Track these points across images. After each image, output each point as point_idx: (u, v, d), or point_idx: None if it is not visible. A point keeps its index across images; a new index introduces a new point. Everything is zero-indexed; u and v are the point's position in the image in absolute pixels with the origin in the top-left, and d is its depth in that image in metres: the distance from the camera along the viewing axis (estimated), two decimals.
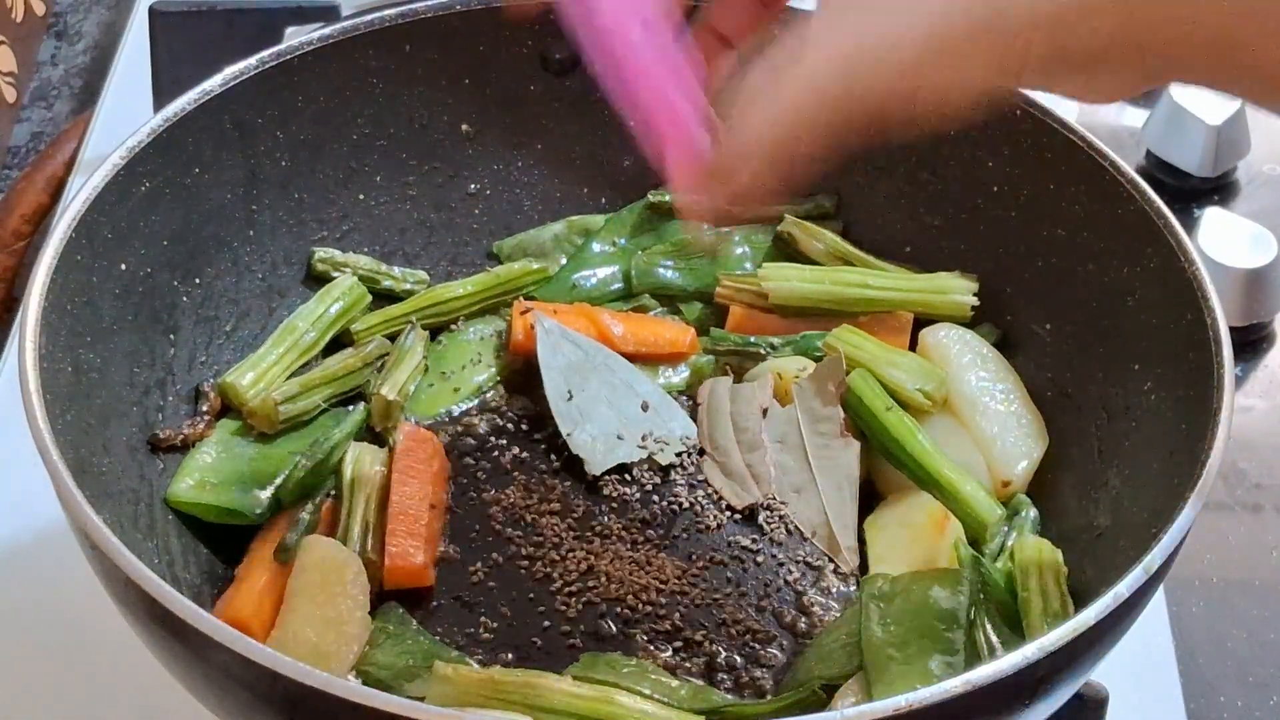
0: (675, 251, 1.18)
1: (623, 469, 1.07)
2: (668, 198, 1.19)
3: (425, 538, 1.02)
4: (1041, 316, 1.11)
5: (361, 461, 1.04)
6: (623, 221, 1.20)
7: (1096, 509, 1.02)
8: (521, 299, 1.15)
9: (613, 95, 0.88)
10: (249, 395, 1.06)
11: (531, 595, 1.01)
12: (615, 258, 1.19)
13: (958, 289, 1.12)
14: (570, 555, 1.02)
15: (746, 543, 1.04)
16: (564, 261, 1.19)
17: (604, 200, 1.20)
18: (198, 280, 1.08)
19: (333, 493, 1.04)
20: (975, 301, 1.12)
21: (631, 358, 1.12)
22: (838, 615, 1.01)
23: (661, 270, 1.18)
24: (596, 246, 1.19)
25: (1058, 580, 0.98)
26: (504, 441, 1.09)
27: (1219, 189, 1.39)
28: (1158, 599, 1.08)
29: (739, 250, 1.18)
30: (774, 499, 1.06)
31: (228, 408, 1.07)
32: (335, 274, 1.13)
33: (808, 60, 0.79)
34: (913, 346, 1.12)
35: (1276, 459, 1.22)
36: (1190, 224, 1.30)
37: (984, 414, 1.07)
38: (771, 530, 1.05)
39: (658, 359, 1.13)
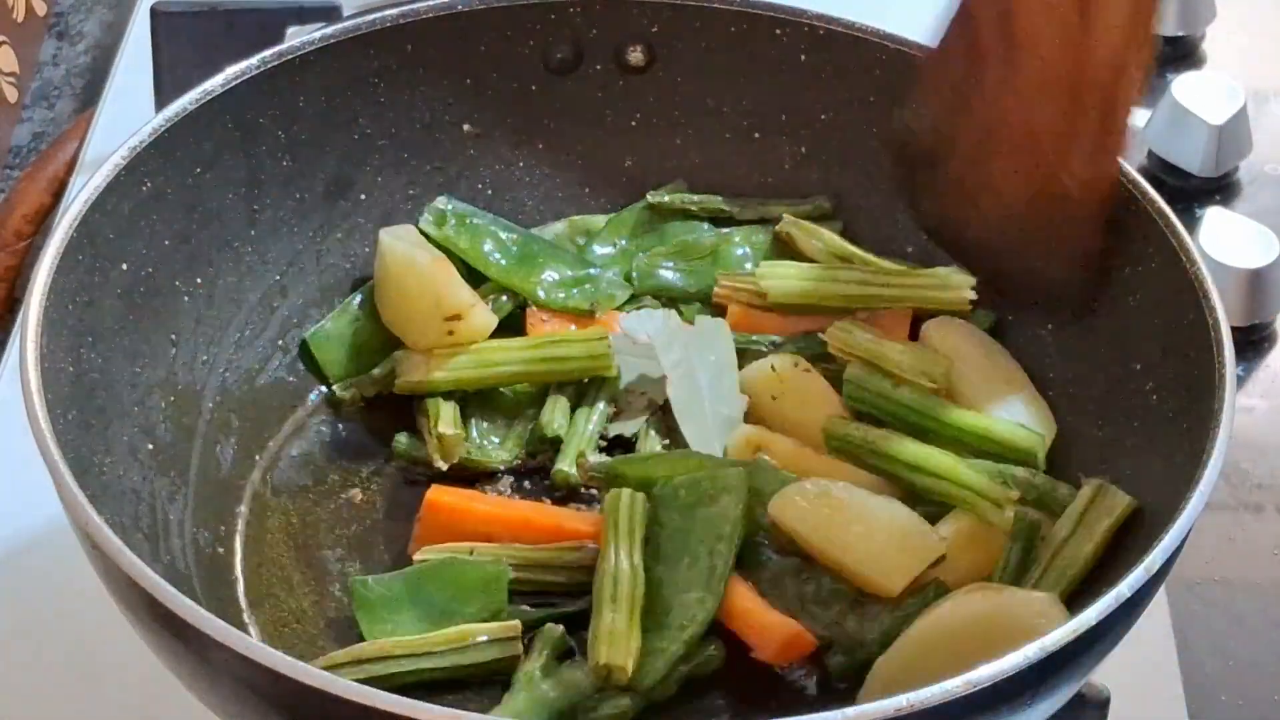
0: (676, 253, 1.18)
1: None
2: (667, 198, 1.19)
3: None
4: (1042, 316, 1.11)
5: None
6: (623, 222, 1.19)
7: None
8: (536, 310, 1.15)
9: None
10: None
11: None
12: (617, 259, 1.19)
13: (956, 283, 1.12)
14: None
15: None
16: None
17: (605, 200, 1.20)
18: (199, 280, 1.08)
19: None
20: (974, 295, 1.12)
21: None
22: None
23: (663, 271, 1.17)
24: (598, 249, 1.18)
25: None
26: None
27: (1221, 189, 1.39)
28: (1159, 599, 1.08)
29: (739, 251, 1.18)
30: None
31: None
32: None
33: None
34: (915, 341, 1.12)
35: (1279, 459, 1.22)
36: (1192, 224, 1.30)
37: (993, 400, 1.07)
38: None
39: None
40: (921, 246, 1.16)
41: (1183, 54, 1.51)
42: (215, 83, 1.08)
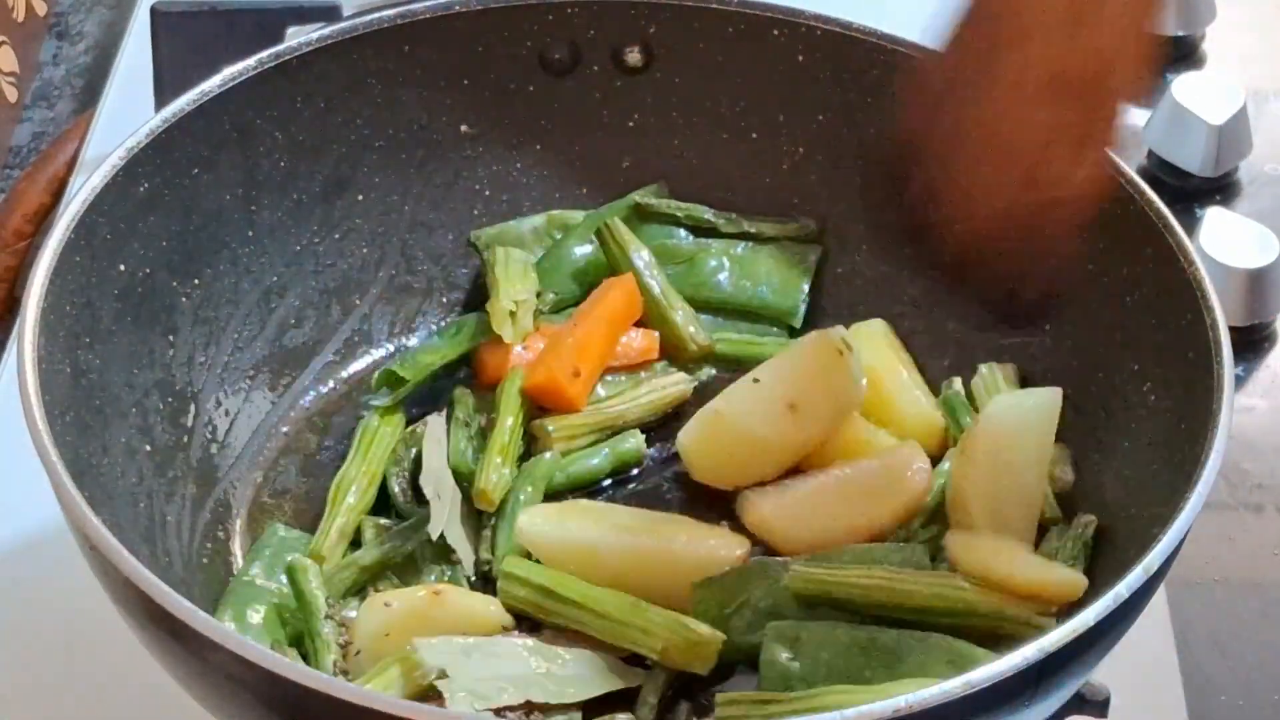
0: (653, 255, 1.16)
1: None
2: (654, 201, 1.18)
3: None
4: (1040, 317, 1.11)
5: None
6: (602, 219, 1.18)
7: (1097, 509, 1.02)
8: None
9: None
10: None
11: None
12: (592, 258, 1.17)
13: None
14: None
15: None
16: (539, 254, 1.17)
17: (603, 201, 1.20)
18: (197, 281, 1.08)
19: None
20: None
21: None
22: None
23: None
24: (576, 249, 1.17)
25: None
26: None
27: (1221, 189, 1.39)
28: (1159, 599, 1.08)
29: (712, 263, 1.17)
30: None
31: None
32: None
33: None
34: None
35: (1278, 459, 1.22)
36: (1192, 224, 1.29)
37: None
38: None
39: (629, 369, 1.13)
40: (921, 248, 1.15)
41: (1183, 54, 1.51)
42: (212, 84, 1.08)
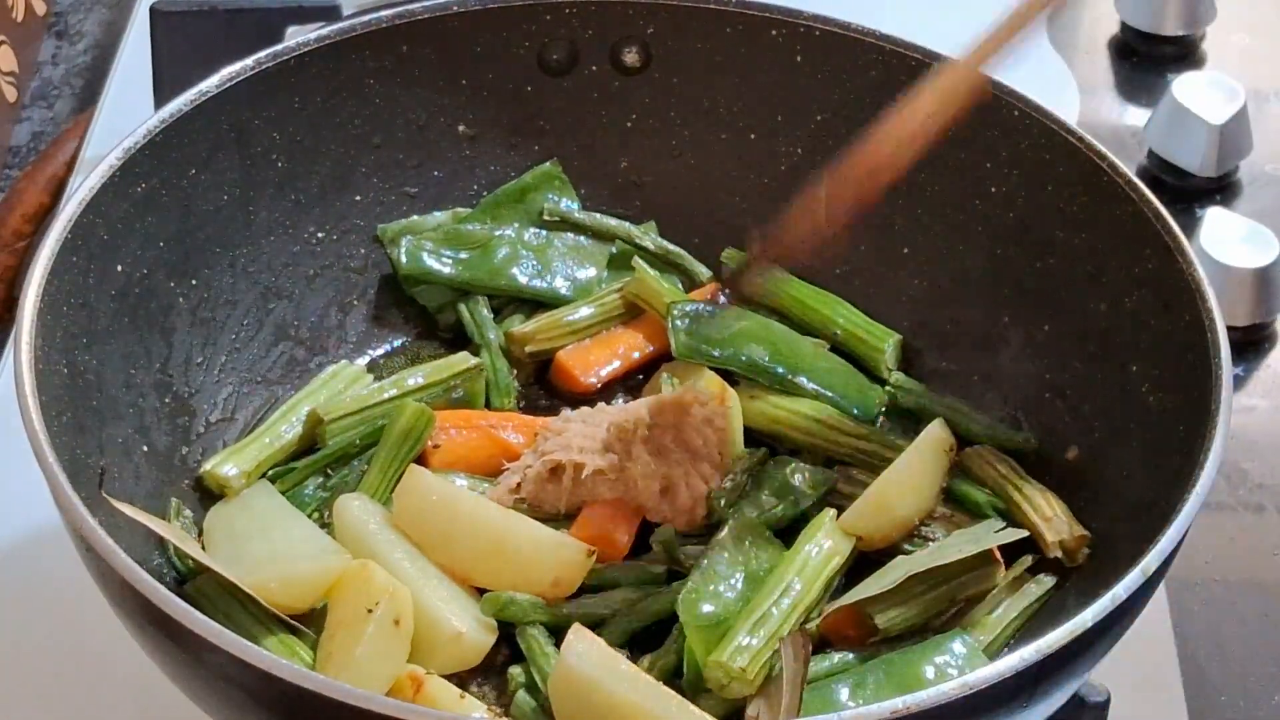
0: (448, 240, 1.16)
1: None
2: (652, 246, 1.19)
3: None
4: (1040, 317, 1.10)
5: None
6: (497, 201, 1.19)
7: (1095, 510, 1.02)
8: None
9: None
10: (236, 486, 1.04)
11: None
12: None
13: (879, 343, 1.14)
14: None
15: None
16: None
17: (601, 199, 1.20)
18: (194, 282, 1.08)
19: None
20: (891, 361, 1.13)
21: None
22: None
23: (429, 257, 1.15)
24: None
25: None
26: None
27: (1221, 189, 1.39)
28: (1159, 599, 1.08)
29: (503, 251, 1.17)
30: None
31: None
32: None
33: None
34: None
35: (1279, 459, 1.21)
36: (1192, 224, 1.30)
37: None
38: None
39: None
40: (919, 248, 1.16)
41: (1183, 54, 1.51)
42: (210, 84, 1.08)
